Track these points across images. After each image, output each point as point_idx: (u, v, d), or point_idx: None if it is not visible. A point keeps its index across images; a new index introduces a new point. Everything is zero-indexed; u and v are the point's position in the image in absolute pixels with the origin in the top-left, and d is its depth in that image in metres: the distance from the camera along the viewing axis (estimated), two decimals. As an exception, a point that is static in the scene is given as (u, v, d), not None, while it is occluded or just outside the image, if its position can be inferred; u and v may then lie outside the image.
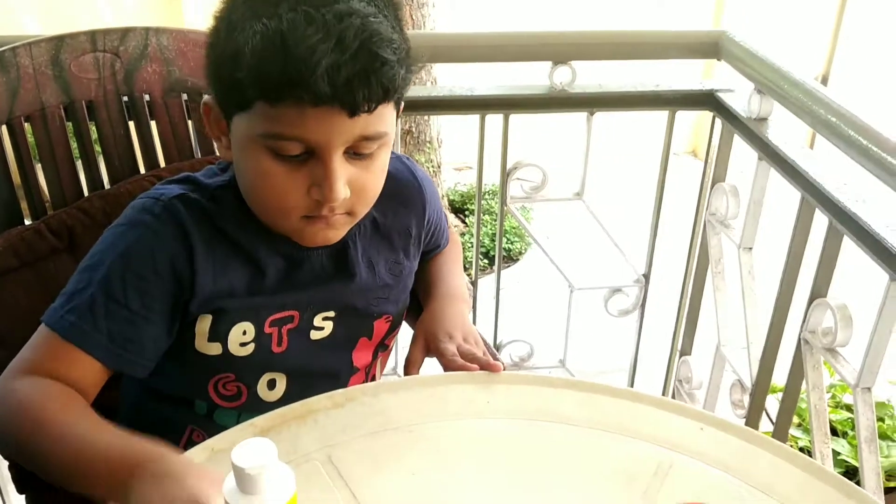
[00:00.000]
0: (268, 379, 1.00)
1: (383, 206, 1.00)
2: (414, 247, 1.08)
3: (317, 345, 1.01)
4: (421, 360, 1.08)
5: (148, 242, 0.91)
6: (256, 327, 0.96)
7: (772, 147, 1.32)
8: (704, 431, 0.92)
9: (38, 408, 0.84)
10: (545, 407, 0.95)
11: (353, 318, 1.02)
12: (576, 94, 1.50)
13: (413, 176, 1.08)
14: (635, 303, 1.72)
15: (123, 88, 1.28)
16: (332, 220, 0.90)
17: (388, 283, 1.05)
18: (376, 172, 0.90)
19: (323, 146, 0.83)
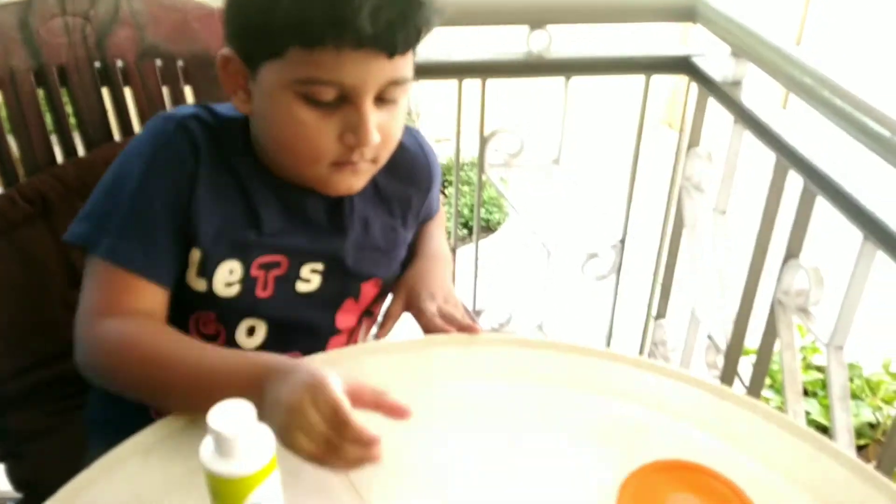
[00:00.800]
0: (248, 325, 1.00)
1: (388, 172, 1.01)
2: (412, 217, 1.09)
3: (302, 298, 1.01)
4: (398, 315, 1.09)
5: (167, 158, 0.92)
6: (244, 268, 0.96)
7: (746, 110, 1.33)
8: (681, 391, 0.93)
9: (138, 343, 0.87)
10: (524, 368, 0.96)
11: (340, 275, 1.02)
12: (552, 60, 1.49)
13: (422, 151, 1.09)
14: (611, 267, 1.74)
15: (95, 54, 1.26)
16: (359, 167, 0.91)
17: (379, 247, 1.05)
18: (399, 118, 0.92)
19: (358, 90, 0.84)
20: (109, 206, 0.92)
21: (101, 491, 0.78)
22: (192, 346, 0.87)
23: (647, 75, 1.55)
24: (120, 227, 0.90)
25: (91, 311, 0.91)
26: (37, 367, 1.21)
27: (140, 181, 0.91)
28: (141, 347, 0.87)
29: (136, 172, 0.91)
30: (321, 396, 0.74)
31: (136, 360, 0.86)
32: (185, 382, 0.84)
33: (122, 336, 0.88)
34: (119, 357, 0.87)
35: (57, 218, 1.21)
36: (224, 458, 0.64)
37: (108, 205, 0.92)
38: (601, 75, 1.55)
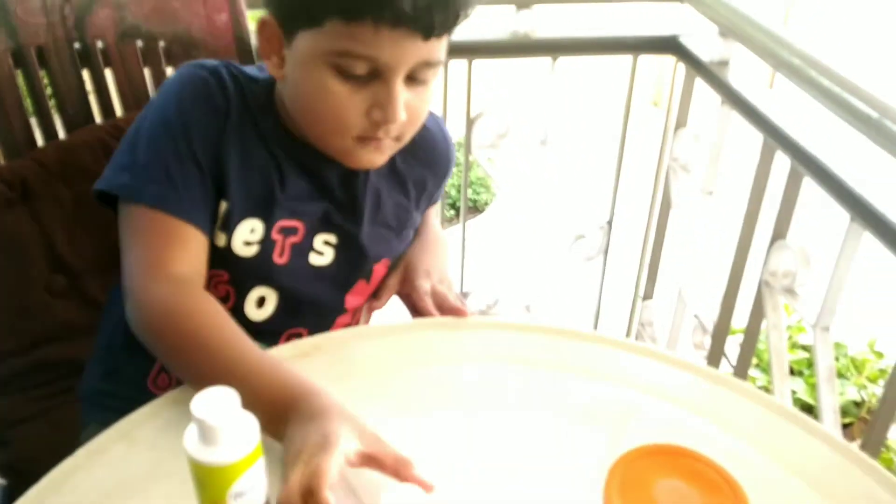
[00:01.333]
0: (258, 294, 0.99)
1: (407, 152, 1.01)
2: (424, 201, 1.10)
3: (315, 272, 1.00)
4: (395, 288, 1.10)
5: (201, 103, 0.91)
6: (265, 227, 0.96)
7: (733, 91, 1.33)
8: (669, 373, 0.93)
9: (187, 317, 0.86)
10: (512, 351, 0.95)
11: (353, 251, 1.02)
12: (539, 40, 1.48)
13: (443, 136, 1.09)
14: (599, 249, 1.74)
15: (74, 34, 1.24)
16: (383, 144, 0.91)
17: (390, 225, 1.05)
18: (426, 100, 0.92)
19: (391, 68, 0.84)
20: (150, 154, 0.90)
21: (87, 477, 0.78)
22: (235, 340, 0.85)
23: (635, 55, 1.54)
24: (164, 173, 0.89)
25: (143, 269, 0.89)
26: (20, 352, 1.19)
27: (178, 125, 0.90)
28: (188, 323, 0.86)
29: (173, 117, 0.90)
30: (312, 474, 0.70)
31: (180, 334, 0.86)
32: (217, 374, 0.80)
33: (172, 306, 0.87)
34: (166, 326, 0.86)
35: (37, 202, 1.19)
36: (208, 446, 0.63)
37: (149, 154, 0.90)
38: (588, 55, 1.54)
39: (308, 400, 0.77)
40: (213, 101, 0.92)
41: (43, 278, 1.21)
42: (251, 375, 0.80)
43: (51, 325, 1.21)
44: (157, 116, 0.92)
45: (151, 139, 0.91)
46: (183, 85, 0.92)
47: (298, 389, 0.79)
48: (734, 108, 1.34)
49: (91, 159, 1.22)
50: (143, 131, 0.92)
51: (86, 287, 1.23)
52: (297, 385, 0.79)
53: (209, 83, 0.93)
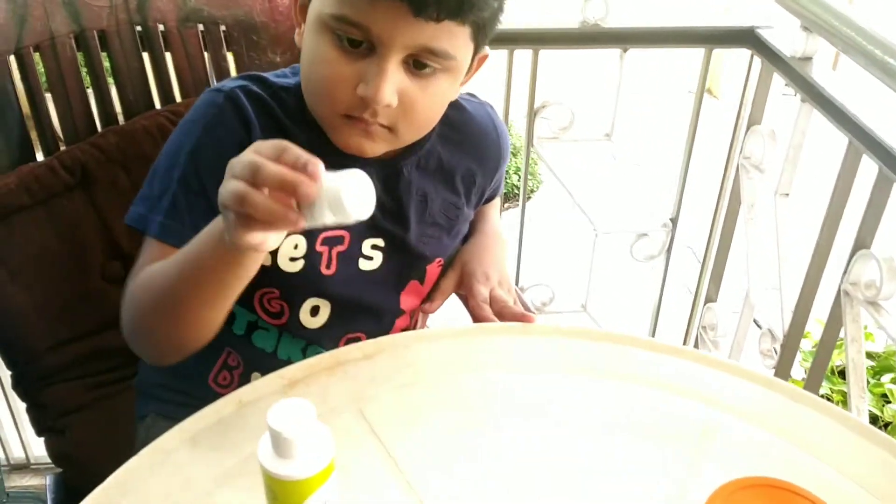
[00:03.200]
0: (312, 305, 0.97)
1: (453, 146, 0.98)
2: (475, 196, 1.05)
3: (365, 277, 0.97)
4: (450, 292, 1.06)
5: (216, 132, 0.90)
6: (308, 242, 0.93)
7: (817, 88, 1.26)
8: (749, 389, 0.88)
9: (139, 284, 0.87)
10: (582, 360, 0.91)
11: (402, 254, 0.99)
12: (609, 30, 1.42)
13: (494, 127, 1.04)
14: (661, 248, 1.68)
15: (136, 17, 1.22)
16: (371, 130, 0.86)
17: (439, 223, 1.01)
18: (432, 97, 0.86)
19: (384, 41, 0.81)
20: (162, 186, 0.89)
21: (150, 478, 0.76)
22: (169, 259, 0.85)
23: (709, 48, 1.47)
24: (171, 206, 0.88)
25: (130, 276, 0.89)
26: (76, 339, 1.18)
27: (188, 156, 0.88)
28: (141, 284, 0.87)
29: (187, 150, 0.89)
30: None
31: (139, 295, 0.86)
32: (175, 280, 0.81)
33: (136, 285, 0.88)
34: (132, 305, 0.87)
35: (96, 188, 1.17)
36: (283, 458, 0.61)
37: (162, 185, 0.89)
38: (660, 47, 1.48)
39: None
40: (227, 127, 0.89)
41: (99, 265, 1.19)
42: (189, 247, 0.80)
43: (107, 312, 1.19)
44: (172, 147, 0.91)
45: (165, 170, 0.90)
46: (196, 115, 0.91)
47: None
48: (817, 106, 1.27)
49: (150, 145, 1.19)
50: (160, 162, 0.91)
51: (142, 275, 1.21)
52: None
53: (224, 110, 0.90)
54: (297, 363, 0.88)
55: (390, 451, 0.79)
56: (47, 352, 1.16)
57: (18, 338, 1.14)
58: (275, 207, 0.66)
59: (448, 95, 0.89)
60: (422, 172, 0.98)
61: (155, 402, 1.07)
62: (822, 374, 1.34)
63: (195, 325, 0.83)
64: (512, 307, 0.98)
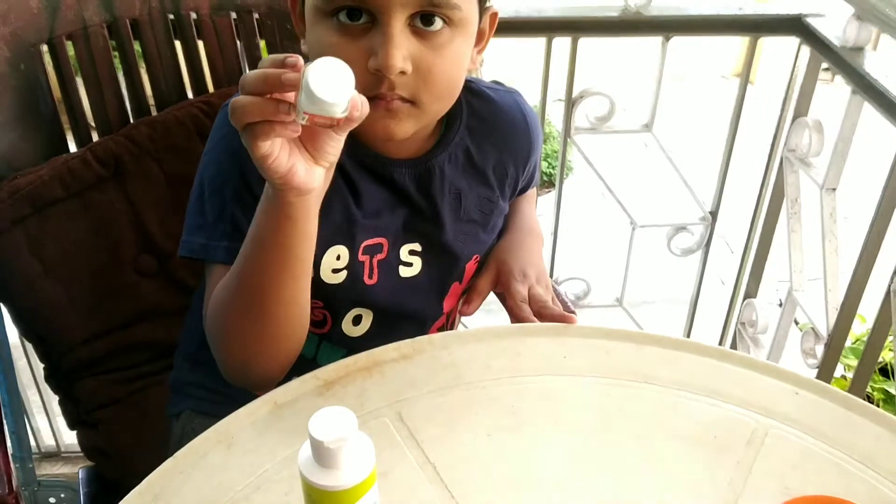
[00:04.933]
0: (355, 314, 0.95)
1: (482, 138, 0.95)
2: (509, 188, 1.01)
3: (407, 284, 0.95)
4: (487, 292, 1.03)
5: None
6: (351, 252, 0.91)
7: (868, 80, 1.21)
8: (800, 396, 0.85)
9: (218, 296, 0.84)
10: (626, 364, 0.88)
11: (441, 256, 0.96)
12: (651, 17, 1.38)
13: (522, 115, 1.01)
14: (700, 241, 1.64)
15: (169, 6, 1.20)
16: (393, 106, 0.82)
17: (474, 220, 0.98)
18: (448, 59, 0.82)
19: (381, 6, 0.77)
20: (216, 209, 0.87)
21: (186, 482, 0.74)
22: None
23: (754, 37, 1.42)
24: (233, 228, 0.85)
25: (205, 306, 0.87)
26: (108, 333, 1.17)
27: (234, 171, 0.85)
28: (216, 298, 0.84)
29: (226, 163, 0.86)
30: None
31: (218, 308, 0.84)
32: (243, 267, 0.80)
33: (210, 310, 0.85)
34: (214, 322, 0.84)
35: (129, 180, 1.16)
36: (324, 468, 0.60)
37: (216, 209, 0.87)
38: (703, 35, 1.44)
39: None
40: None
41: (132, 258, 1.18)
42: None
43: (139, 306, 1.19)
44: (213, 166, 0.88)
45: (213, 191, 0.87)
46: (224, 131, 0.88)
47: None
48: (868, 98, 1.23)
49: (183, 136, 1.18)
50: (205, 185, 0.88)
51: (174, 269, 1.20)
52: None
53: None
54: (333, 364, 0.86)
55: (429, 456, 0.77)
56: (80, 345, 1.15)
57: (52, 331, 1.14)
58: (258, 100, 0.65)
59: (464, 55, 0.85)
60: (453, 168, 0.95)
61: (191, 399, 1.05)
62: (868, 375, 1.30)
63: (278, 312, 0.81)
64: (552, 307, 0.96)
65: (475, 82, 0.98)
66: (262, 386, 0.86)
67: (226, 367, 0.86)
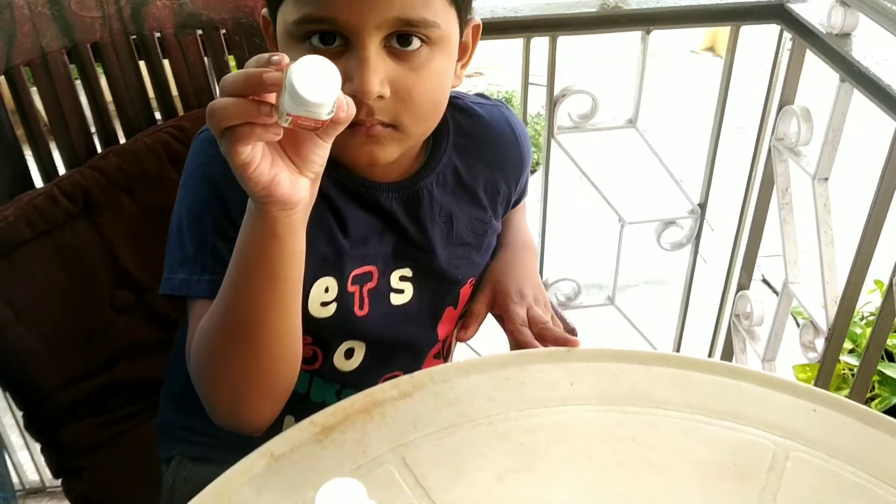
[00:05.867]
0: (346, 347, 0.91)
1: (470, 156, 0.91)
2: (501, 206, 0.98)
3: (399, 312, 0.91)
4: (485, 315, 0.99)
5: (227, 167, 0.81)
6: (339, 283, 0.87)
7: (858, 67, 1.18)
8: (818, 413, 0.82)
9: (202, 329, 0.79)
10: (636, 388, 0.85)
11: (433, 281, 0.92)
12: (631, 11, 1.34)
13: (511, 129, 0.97)
14: (689, 234, 1.61)
15: (131, 26, 1.14)
16: (374, 131, 0.78)
17: (467, 242, 0.94)
18: (429, 78, 0.78)
19: (353, 27, 0.73)
20: (196, 242, 0.82)
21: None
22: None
23: (736, 26, 1.39)
24: (214, 260, 0.80)
25: (187, 344, 0.82)
26: (88, 375, 1.12)
27: (213, 201, 0.81)
28: (200, 331, 0.79)
29: (205, 194, 0.82)
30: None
31: (202, 341, 0.78)
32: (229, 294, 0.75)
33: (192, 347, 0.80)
34: (197, 359, 0.79)
35: (100, 214, 1.11)
36: None
37: (195, 242, 0.82)
38: (684, 27, 1.40)
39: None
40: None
41: (108, 295, 1.13)
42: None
43: (119, 344, 1.14)
44: (190, 197, 0.83)
45: (192, 223, 0.82)
46: (198, 160, 0.84)
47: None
48: (857, 85, 1.20)
49: (154, 164, 1.13)
50: (182, 217, 0.83)
51: (153, 302, 1.15)
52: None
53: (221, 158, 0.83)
54: (330, 407, 0.82)
55: (439, 504, 0.73)
56: (59, 390, 1.10)
57: (28, 378, 1.08)
58: (238, 101, 0.61)
59: (446, 73, 0.81)
60: (442, 190, 0.91)
61: (180, 443, 1.01)
62: (872, 371, 1.28)
63: (269, 342, 0.75)
64: (553, 329, 0.92)
65: (461, 98, 0.94)
66: (254, 429, 0.82)
67: (214, 410, 0.81)
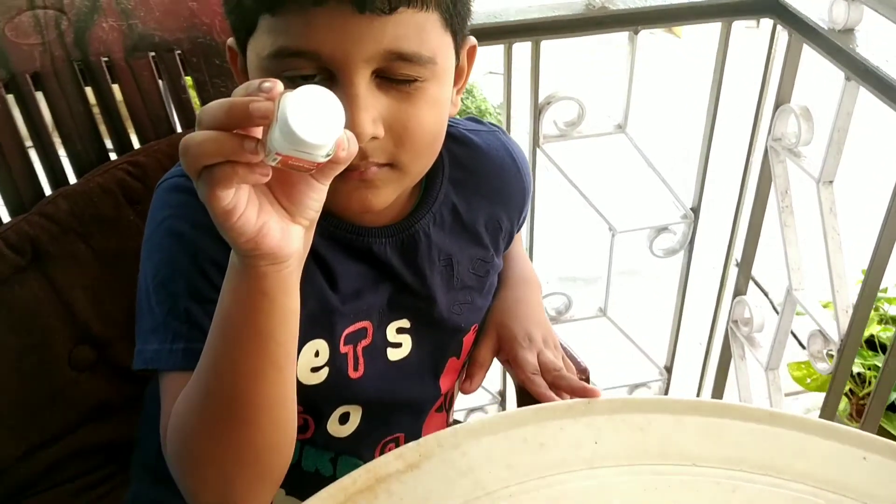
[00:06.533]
0: (341, 413, 0.82)
1: (469, 191, 0.83)
2: (503, 241, 0.89)
3: (397, 368, 0.82)
4: (489, 363, 0.91)
5: (196, 217, 0.71)
6: (331, 345, 0.78)
7: (866, 65, 1.11)
8: (869, 461, 0.75)
9: (180, 407, 0.69)
10: (667, 444, 0.76)
11: (434, 332, 0.84)
12: (618, 11, 1.26)
13: (512, 158, 0.88)
14: (682, 240, 1.53)
15: (75, 52, 1.03)
16: (369, 175, 0.69)
17: (469, 286, 0.85)
18: (426, 111, 0.69)
19: (339, 62, 0.64)
20: (167, 307, 0.72)
21: None
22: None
23: (727, 22, 1.31)
24: (189, 326, 0.71)
25: (162, 426, 0.72)
26: (50, 443, 1.01)
27: (188, 259, 0.71)
28: (178, 410, 0.69)
29: (177, 252, 0.72)
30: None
31: (181, 420, 0.68)
32: (211, 363, 0.65)
33: (168, 431, 0.70)
34: (174, 443, 0.69)
35: (51, 264, 0.99)
36: None
37: (165, 307, 0.72)
38: (674, 25, 1.32)
39: None
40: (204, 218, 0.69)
41: (67, 353, 1.02)
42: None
43: (82, 405, 1.03)
44: (156, 256, 0.73)
45: (160, 286, 0.72)
46: (163, 212, 0.74)
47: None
48: (865, 84, 1.12)
49: (110, 205, 1.02)
50: (149, 280, 0.73)
51: (117, 356, 1.04)
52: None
53: (186, 190, 0.73)
54: (329, 487, 0.72)
55: None
56: (18, 462, 0.99)
57: (-21, 455, 0.97)
58: (216, 135, 0.52)
59: (443, 103, 0.72)
60: (440, 231, 0.82)
61: None
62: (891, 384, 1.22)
63: (260, 418, 0.66)
64: (568, 377, 0.84)
65: (454, 125, 0.85)
66: None
67: (198, 500, 0.71)
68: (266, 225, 0.56)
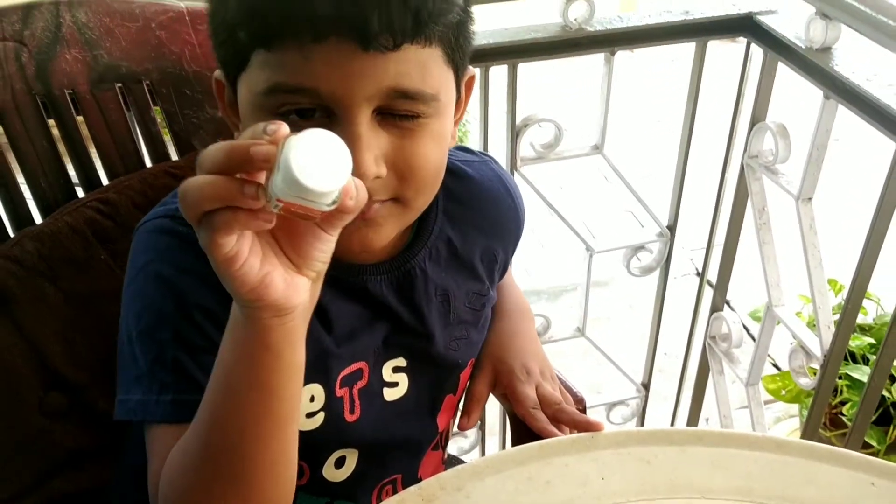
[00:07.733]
0: (337, 457, 0.79)
1: (464, 224, 0.81)
2: (498, 273, 0.87)
3: (394, 408, 0.79)
4: (486, 398, 0.89)
5: (179, 260, 0.69)
6: (326, 389, 0.75)
7: (844, 83, 1.11)
8: (877, 487, 0.74)
9: (173, 462, 0.65)
10: (673, 475, 0.75)
11: (431, 369, 0.81)
12: (594, 32, 1.25)
13: (506, 189, 0.86)
14: (659, 258, 1.53)
15: (37, 86, 0.99)
16: (371, 214, 0.67)
17: (465, 320, 0.83)
18: (428, 146, 0.68)
19: (340, 99, 0.62)
20: (152, 357, 0.69)
21: None
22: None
23: (702, 42, 1.31)
24: (177, 376, 0.68)
25: (151, 484, 0.68)
26: (21, 496, 0.96)
27: (174, 305, 0.68)
28: (170, 466, 0.66)
29: (162, 298, 0.69)
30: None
31: (175, 479, 0.65)
32: (210, 421, 0.62)
33: (161, 488, 0.66)
34: (167, 499, 0.65)
35: (18, 309, 0.95)
36: None
37: (150, 356, 0.69)
38: (650, 45, 1.31)
39: None
40: (190, 262, 0.68)
41: (37, 400, 0.97)
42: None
43: (55, 454, 0.98)
44: (139, 302, 0.70)
45: (144, 334, 0.68)
46: (145, 257, 0.71)
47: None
48: (844, 102, 1.13)
49: (79, 245, 0.97)
50: (132, 328, 0.69)
51: (91, 401, 0.99)
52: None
53: (168, 232, 0.70)
54: (328, 540, 0.69)
55: None
56: (-12, 518, 0.94)
57: (-54, 513, 0.92)
58: (215, 180, 0.49)
59: (445, 136, 0.70)
60: (435, 266, 0.79)
61: None
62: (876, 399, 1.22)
63: (262, 476, 0.62)
64: (569, 410, 0.82)
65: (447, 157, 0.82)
66: None
67: None
68: (269, 275, 0.53)
